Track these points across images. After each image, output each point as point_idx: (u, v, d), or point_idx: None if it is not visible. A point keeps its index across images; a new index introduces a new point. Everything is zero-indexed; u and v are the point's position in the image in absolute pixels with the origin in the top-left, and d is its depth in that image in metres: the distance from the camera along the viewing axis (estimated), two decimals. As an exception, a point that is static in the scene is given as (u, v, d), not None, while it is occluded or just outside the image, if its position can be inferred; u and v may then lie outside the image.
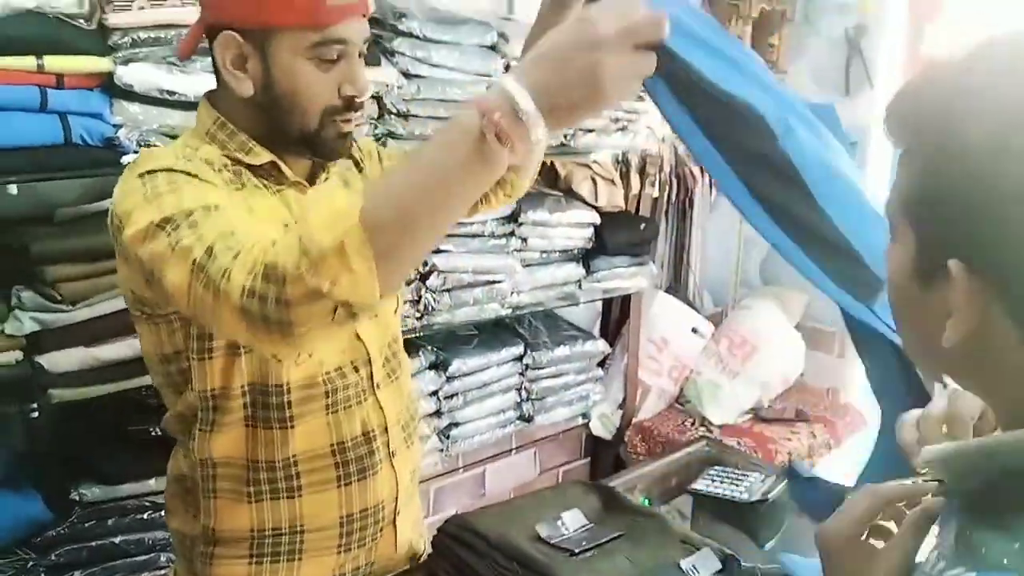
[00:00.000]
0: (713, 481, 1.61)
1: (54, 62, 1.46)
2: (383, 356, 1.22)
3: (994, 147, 0.53)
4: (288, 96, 1.07)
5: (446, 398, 2.25)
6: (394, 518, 1.24)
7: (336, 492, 1.16)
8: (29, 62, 1.44)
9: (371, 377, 1.19)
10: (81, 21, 1.50)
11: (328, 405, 1.15)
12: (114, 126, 1.55)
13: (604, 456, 2.85)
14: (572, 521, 1.27)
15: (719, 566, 1.17)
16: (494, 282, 2.23)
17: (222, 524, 1.15)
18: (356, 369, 1.18)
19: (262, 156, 1.11)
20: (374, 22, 1.97)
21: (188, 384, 1.12)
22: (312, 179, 1.19)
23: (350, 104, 1.10)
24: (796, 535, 1.48)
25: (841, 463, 2.89)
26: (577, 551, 1.19)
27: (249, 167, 1.11)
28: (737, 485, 1.56)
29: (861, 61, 3.01)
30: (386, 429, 1.21)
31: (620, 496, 1.39)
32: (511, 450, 2.61)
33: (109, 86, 1.55)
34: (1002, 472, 0.55)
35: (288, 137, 1.11)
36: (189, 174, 1.00)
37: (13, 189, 1.49)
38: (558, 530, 1.24)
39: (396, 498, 1.24)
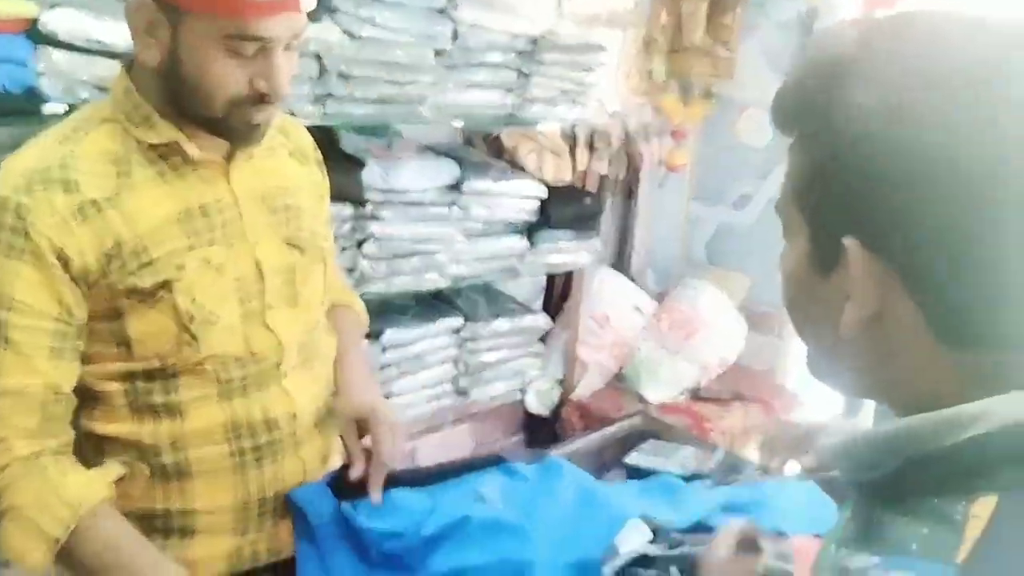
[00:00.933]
0: (647, 455, 1.60)
1: (-27, 7, 1.38)
2: (297, 344, 1.17)
3: (878, 120, 0.53)
4: (193, 79, 1.00)
5: (379, 368, 2.20)
6: None
7: (231, 477, 1.12)
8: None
9: (278, 367, 1.14)
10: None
11: (221, 392, 1.10)
12: (38, 75, 1.48)
13: (540, 432, 2.84)
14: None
15: (649, 535, 1.17)
16: (433, 252, 2.19)
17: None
18: (262, 359, 1.13)
19: (163, 134, 1.04)
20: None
21: None
22: (229, 157, 1.11)
23: (261, 98, 1.02)
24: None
25: (775, 443, 2.93)
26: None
27: (150, 147, 1.05)
28: (671, 459, 1.56)
29: (812, 45, 3.02)
30: (294, 417, 1.16)
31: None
32: (446, 423, 2.58)
33: (35, 32, 1.47)
34: (906, 460, 0.54)
35: (193, 117, 1.04)
36: (19, 216, 0.97)
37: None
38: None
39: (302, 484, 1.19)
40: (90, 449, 1.09)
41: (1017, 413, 0.52)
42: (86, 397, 1.07)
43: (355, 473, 1.18)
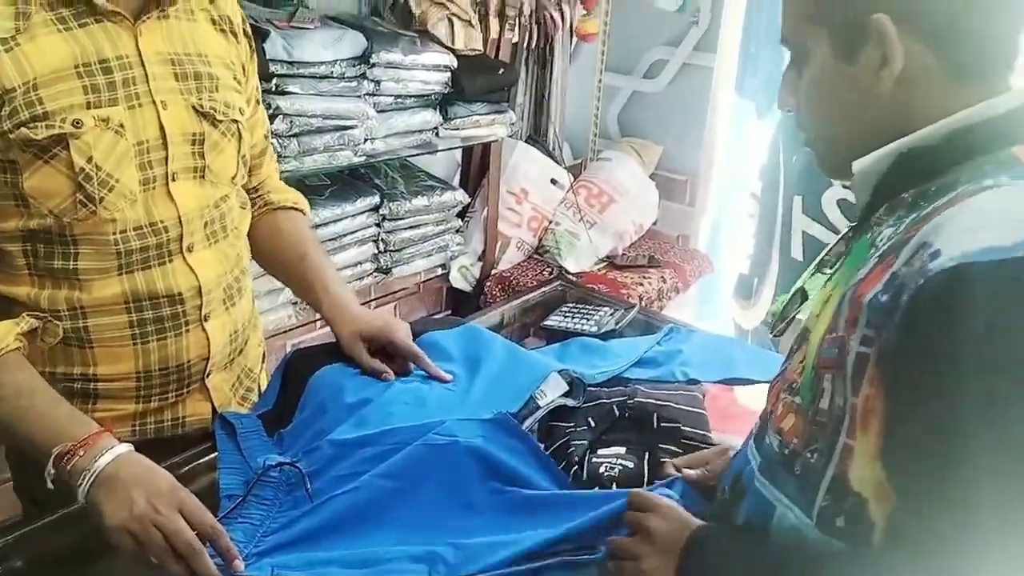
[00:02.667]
0: (565, 317, 1.65)
1: None
2: (203, 218, 1.15)
3: None
4: None
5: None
6: (203, 378, 1.21)
7: (131, 348, 1.12)
8: None
9: (180, 239, 1.12)
10: None
11: (122, 265, 1.09)
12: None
13: (464, 307, 2.88)
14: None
15: (566, 388, 1.22)
16: (345, 128, 2.14)
17: None
18: (163, 230, 1.11)
19: None
20: None
21: None
22: (140, 13, 1.06)
23: None
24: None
25: (688, 305, 3.06)
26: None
27: None
28: (588, 319, 1.61)
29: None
30: (199, 292, 1.15)
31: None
32: (370, 302, 2.59)
33: None
34: (899, 156, 0.73)
35: None
36: None
37: None
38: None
39: (207, 359, 1.19)
40: None
41: (991, 111, 0.71)
42: None
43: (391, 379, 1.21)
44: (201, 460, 1.17)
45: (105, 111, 1.02)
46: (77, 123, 1.00)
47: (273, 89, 1.96)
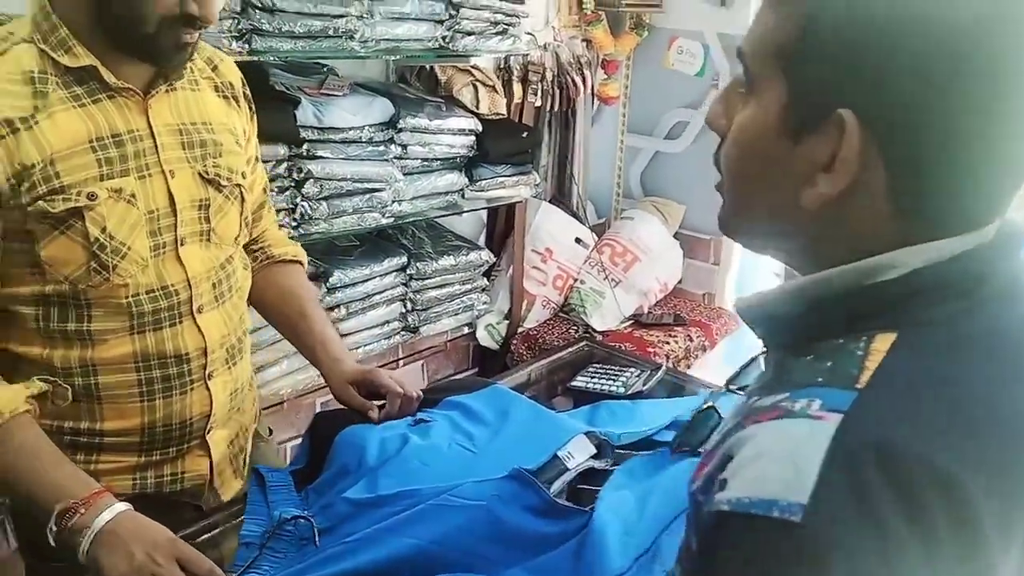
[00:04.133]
0: (592, 378, 1.65)
1: None
2: (211, 280, 1.19)
3: None
4: None
5: (328, 310, 2.21)
6: (203, 434, 1.23)
7: (138, 405, 1.15)
8: None
9: (190, 301, 1.17)
10: None
11: (133, 326, 1.12)
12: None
13: (491, 365, 2.89)
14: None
15: (593, 451, 1.21)
16: (374, 190, 2.18)
17: None
18: (174, 293, 1.15)
19: (80, 59, 1.04)
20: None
21: None
22: (150, 88, 1.11)
23: (190, 21, 1.04)
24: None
25: (715, 364, 3.04)
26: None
27: (67, 71, 1.04)
28: (615, 380, 1.61)
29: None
30: (205, 352, 1.19)
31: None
32: (397, 360, 2.61)
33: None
34: (815, 303, 0.59)
35: (123, 38, 1.04)
36: None
37: None
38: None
39: (208, 416, 1.22)
40: (5, 364, 1.10)
41: (924, 258, 0.56)
42: (2, 317, 1.08)
43: (375, 415, 1.28)
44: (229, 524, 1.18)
45: (118, 182, 1.07)
46: (92, 196, 1.05)
47: (304, 154, 2.01)
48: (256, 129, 1.33)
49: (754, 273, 3.31)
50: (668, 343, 2.85)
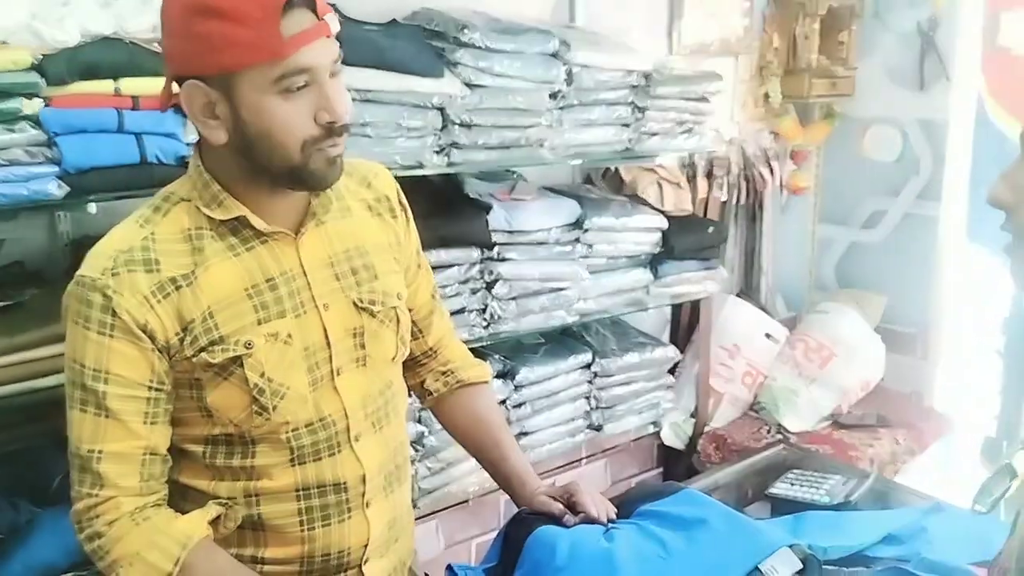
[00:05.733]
0: (792, 485, 1.56)
1: (130, 85, 1.52)
2: (366, 408, 1.19)
3: None
4: (262, 136, 1.03)
5: (514, 407, 2.24)
6: (360, 564, 1.22)
7: (299, 533, 1.16)
8: (107, 86, 1.51)
9: (348, 430, 1.17)
10: (155, 45, 1.56)
11: (294, 459, 1.14)
12: (187, 144, 1.59)
13: (676, 466, 2.80)
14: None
15: (799, 566, 1.14)
16: (560, 289, 2.22)
17: None
18: (332, 423, 1.16)
19: (231, 210, 1.09)
20: (436, 35, 2.00)
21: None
22: (299, 227, 1.14)
23: (330, 130, 1.05)
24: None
25: (926, 470, 2.79)
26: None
27: (220, 223, 1.09)
28: (818, 488, 1.52)
29: (936, 54, 2.92)
30: (363, 480, 1.18)
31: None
32: (581, 460, 2.59)
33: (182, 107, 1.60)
34: None
35: (275, 175, 1.07)
36: (106, 295, 1.04)
37: (93, 208, 1.55)
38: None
39: (365, 546, 1.21)
40: (175, 494, 1.15)
41: None
42: (172, 453, 1.13)
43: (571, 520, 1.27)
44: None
45: (274, 325, 1.10)
46: (248, 344, 1.08)
47: (495, 257, 2.09)
48: (416, 236, 1.33)
49: (968, 371, 3.04)
50: (871, 446, 2.66)
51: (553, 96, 2.09)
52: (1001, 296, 2.85)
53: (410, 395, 1.42)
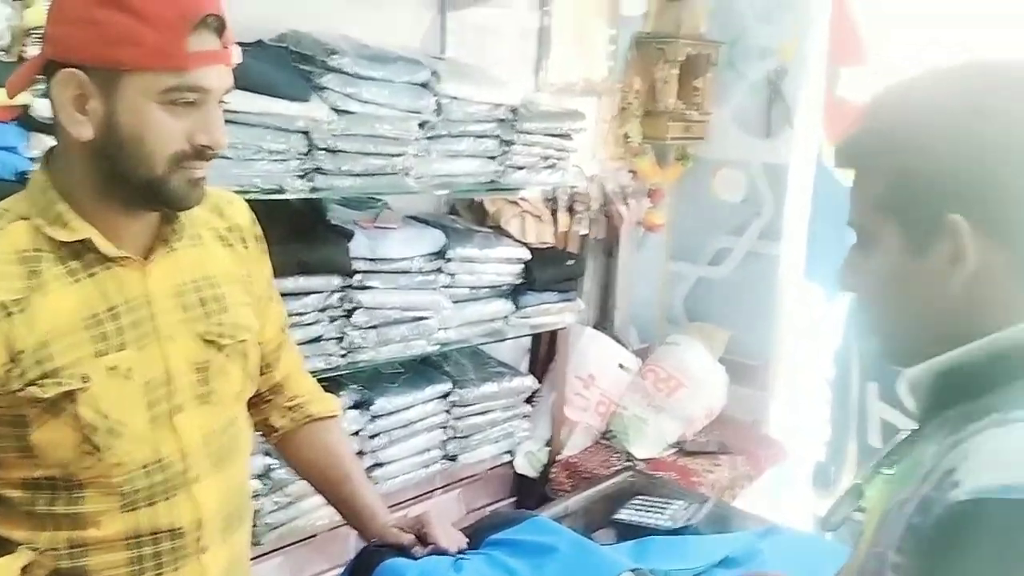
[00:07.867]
0: (637, 510, 1.63)
1: (-35, 94, 1.42)
2: (208, 447, 1.12)
3: (963, 121, 0.70)
4: (133, 141, 0.98)
5: (369, 437, 2.22)
6: None
7: None
8: (-61, 94, 1.40)
9: (185, 472, 1.09)
10: (0, 53, 1.46)
11: (125, 504, 1.05)
12: (30, 159, 1.50)
13: (530, 494, 2.83)
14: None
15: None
16: (421, 318, 2.22)
17: None
18: (169, 465, 1.08)
19: (76, 232, 1.01)
20: (304, 58, 1.97)
21: None
22: (148, 252, 1.07)
23: (201, 153, 1.01)
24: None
25: (762, 494, 2.96)
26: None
27: (62, 245, 1.01)
28: (661, 513, 1.58)
29: (783, 103, 3.14)
30: (200, 524, 1.11)
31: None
32: (435, 490, 2.58)
33: (27, 119, 1.51)
34: (940, 373, 0.73)
35: (131, 186, 1.01)
36: None
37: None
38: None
39: None
40: None
41: None
42: None
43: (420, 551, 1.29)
44: None
45: (113, 357, 1.02)
46: (85, 378, 1.00)
47: (355, 284, 2.07)
48: (269, 268, 1.28)
49: (802, 401, 3.26)
50: (712, 472, 2.79)
51: (421, 126, 2.10)
52: (831, 331, 3.08)
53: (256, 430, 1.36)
